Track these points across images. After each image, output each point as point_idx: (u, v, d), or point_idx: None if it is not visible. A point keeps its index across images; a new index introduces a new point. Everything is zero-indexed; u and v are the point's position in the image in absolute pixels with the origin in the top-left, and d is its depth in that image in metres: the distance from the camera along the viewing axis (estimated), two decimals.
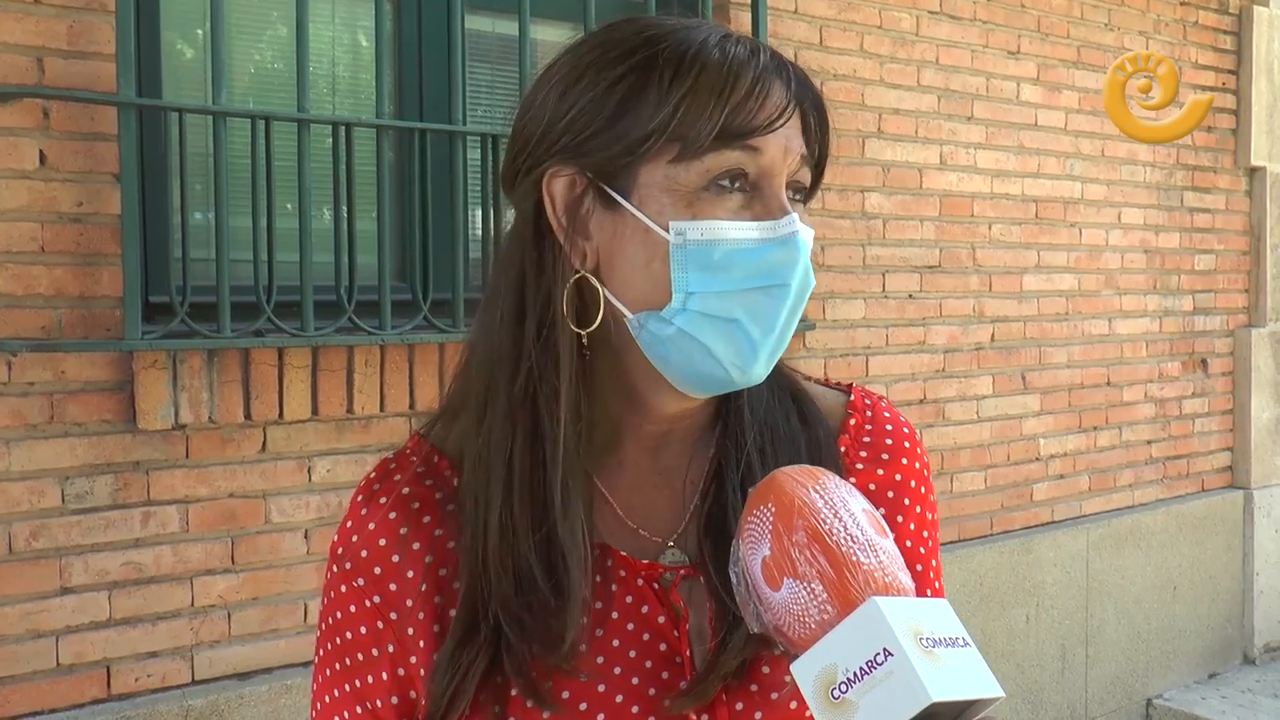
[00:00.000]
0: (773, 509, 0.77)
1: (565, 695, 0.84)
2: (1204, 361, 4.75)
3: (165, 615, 2.43)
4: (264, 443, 2.53)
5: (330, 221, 2.64)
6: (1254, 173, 4.85)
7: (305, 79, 2.53)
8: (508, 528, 0.85)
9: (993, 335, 3.99)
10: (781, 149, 0.84)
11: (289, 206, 2.61)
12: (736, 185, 0.83)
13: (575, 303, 0.86)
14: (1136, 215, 4.44)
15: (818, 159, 0.89)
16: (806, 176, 0.88)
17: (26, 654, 2.29)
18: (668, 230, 0.82)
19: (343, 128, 2.58)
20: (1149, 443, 4.54)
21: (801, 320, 0.88)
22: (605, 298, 0.86)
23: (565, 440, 0.85)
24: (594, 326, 0.86)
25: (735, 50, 0.84)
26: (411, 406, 2.69)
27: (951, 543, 3.84)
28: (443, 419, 0.95)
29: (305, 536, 2.58)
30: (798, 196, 0.88)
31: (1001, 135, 3.98)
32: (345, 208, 2.59)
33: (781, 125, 0.83)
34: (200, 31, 2.63)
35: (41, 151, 2.28)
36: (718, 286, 0.82)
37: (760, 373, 0.87)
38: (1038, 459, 4.14)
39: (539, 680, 0.83)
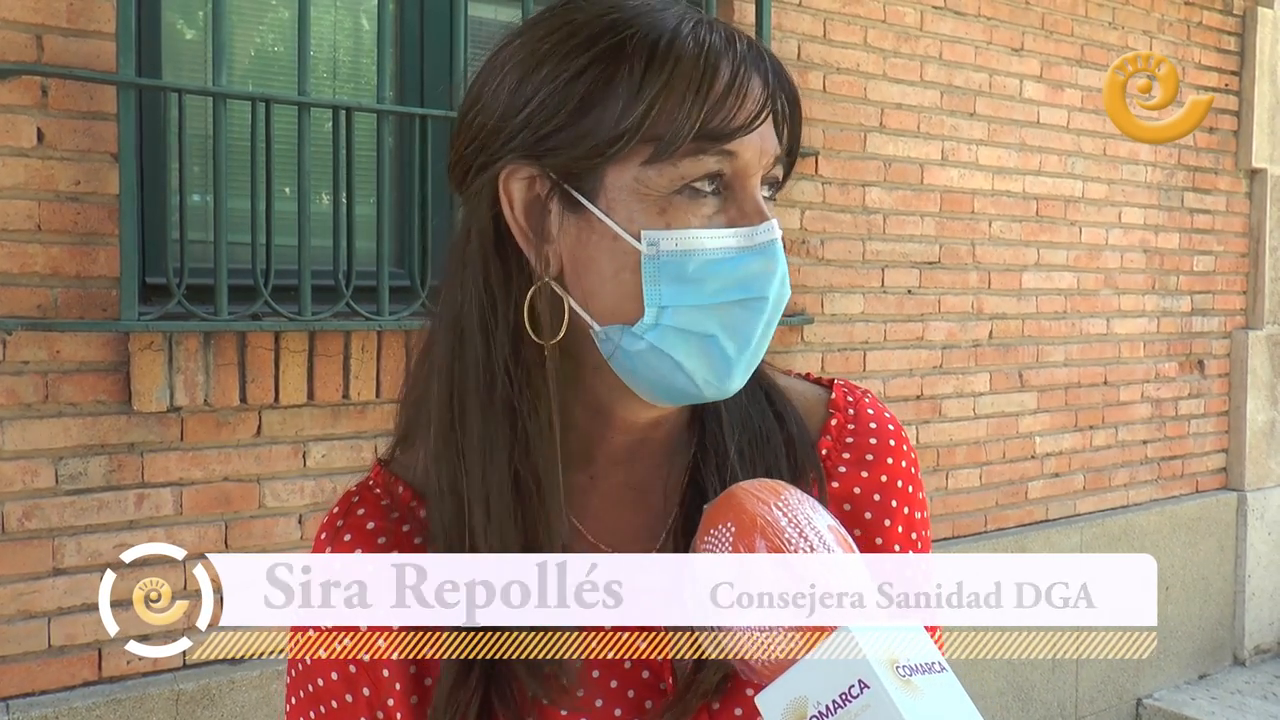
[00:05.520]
0: (732, 528, 0.72)
1: None
2: (1200, 363, 4.75)
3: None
4: (259, 427, 2.53)
5: (329, 206, 2.63)
6: (1254, 175, 4.85)
7: (306, 62, 2.52)
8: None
9: (991, 332, 3.99)
10: (758, 149, 0.78)
11: (288, 190, 2.60)
12: (711, 188, 0.77)
13: (540, 312, 0.80)
14: (1137, 215, 4.44)
15: (788, 151, 0.83)
16: (780, 172, 0.82)
17: (18, 635, 2.29)
18: (639, 239, 0.76)
19: (343, 112, 2.57)
20: (1144, 443, 4.54)
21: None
22: (570, 307, 0.79)
23: (548, 461, 0.79)
24: (560, 336, 0.79)
25: (711, 39, 0.77)
26: None
27: (945, 539, 3.84)
28: (403, 445, 0.89)
29: (299, 521, 2.57)
30: (769, 194, 0.82)
31: (1003, 132, 3.97)
32: (344, 192, 2.58)
33: (761, 123, 0.77)
34: (201, 12, 2.62)
35: (39, 129, 2.27)
36: (692, 300, 0.76)
37: (735, 387, 0.81)
38: (1033, 457, 4.14)
39: (525, 717, 0.79)
